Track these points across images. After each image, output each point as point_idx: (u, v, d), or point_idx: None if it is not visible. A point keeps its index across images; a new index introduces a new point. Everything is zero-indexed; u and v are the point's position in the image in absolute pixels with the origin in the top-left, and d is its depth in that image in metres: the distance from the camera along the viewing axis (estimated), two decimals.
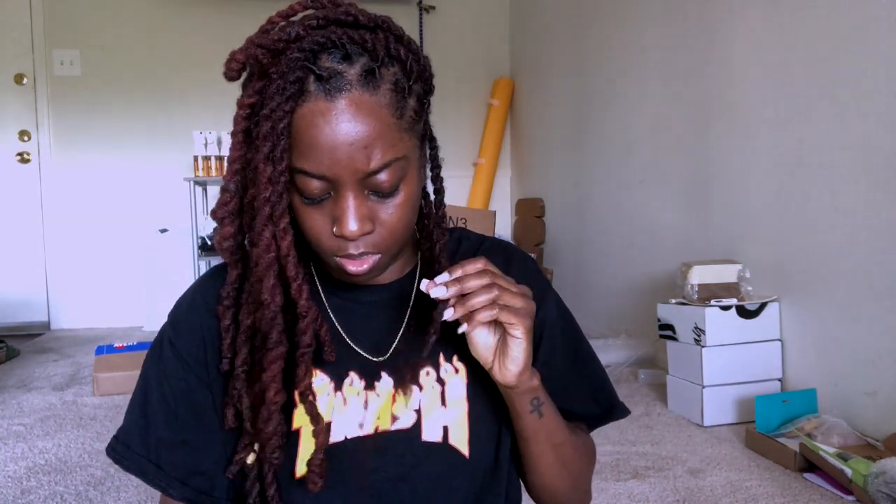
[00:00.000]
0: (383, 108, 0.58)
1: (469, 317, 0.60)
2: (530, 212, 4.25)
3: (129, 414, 0.71)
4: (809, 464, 1.72)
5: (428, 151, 0.69)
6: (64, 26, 4.00)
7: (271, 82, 0.57)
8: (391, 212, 0.62)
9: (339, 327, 0.71)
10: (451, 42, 4.55)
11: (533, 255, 4.02)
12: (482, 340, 0.64)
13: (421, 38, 4.47)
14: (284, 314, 0.62)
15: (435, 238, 0.72)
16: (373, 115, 0.57)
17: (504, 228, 4.54)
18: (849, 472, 1.57)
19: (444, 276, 0.61)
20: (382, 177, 0.59)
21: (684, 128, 2.68)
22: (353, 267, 0.63)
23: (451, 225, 0.94)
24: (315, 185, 0.59)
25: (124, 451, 0.70)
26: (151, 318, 3.89)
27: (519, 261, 0.78)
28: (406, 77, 0.60)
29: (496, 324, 0.63)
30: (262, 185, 0.58)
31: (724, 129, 2.44)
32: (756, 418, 1.93)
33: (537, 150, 4.27)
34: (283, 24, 0.60)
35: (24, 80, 3.98)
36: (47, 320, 4.08)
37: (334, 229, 0.61)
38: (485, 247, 0.79)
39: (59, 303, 4.09)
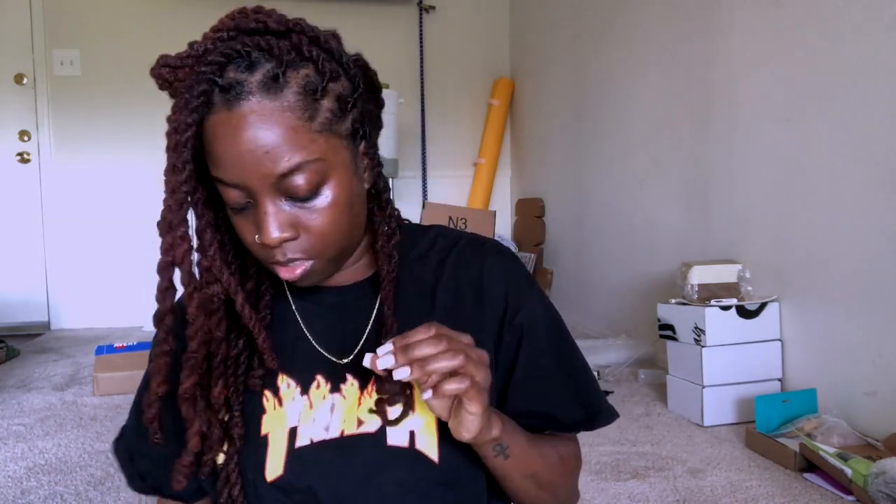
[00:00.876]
0: (286, 112, 0.58)
1: (436, 388, 0.57)
2: (530, 212, 4.24)
3: (130, 418, 0.76)
4: (809, 464, 1.72)
5: (366, 151, 0.67)
6: (64, 26, 4.00)
7: (180, 97, 0.58)
8: (315, 217, 0.62)
9: (305, 330, 0.71)
10: (451, 42, 4.55)
11: (533, 255, 4.03)
12: (437, 405, 0.61)
13: (421, 38, 4.47)
14: (227, 317, 0.65)
15: (380, 242, 0.70)
16: (274, 120, 0.58)
17: (504, 228, 4.54)
18: (849, 472, 1.57)
19: (387, 346, 0.57)
20: (297, 181, 0.59)
21: (684, 128, 2.68)
22: (284, 274, 0.63)
23: (451, 226, 0.94)
24: (233, 194, 0.61)
25: (118, 444, 0.76)
26: (151, 318, 3.89)
27: (495, 260, 0.74)
28: (319, 77, 0.60)
29: None
30: (167, 196, 0.60)
31: (724, 129, 2.44)
32: (756, 418, 1.93)
33: (537, 150, 4.27)
34: (193, 41, 0.61)
35: (24, 80, 3.98)
36: (47, 320, 4.08)
37: (256, 237, 0.62)
38: (461, 244, 0.75)
39: (59, 303, 4.09)
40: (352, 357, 0.70)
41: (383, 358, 0.56)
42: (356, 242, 0.69)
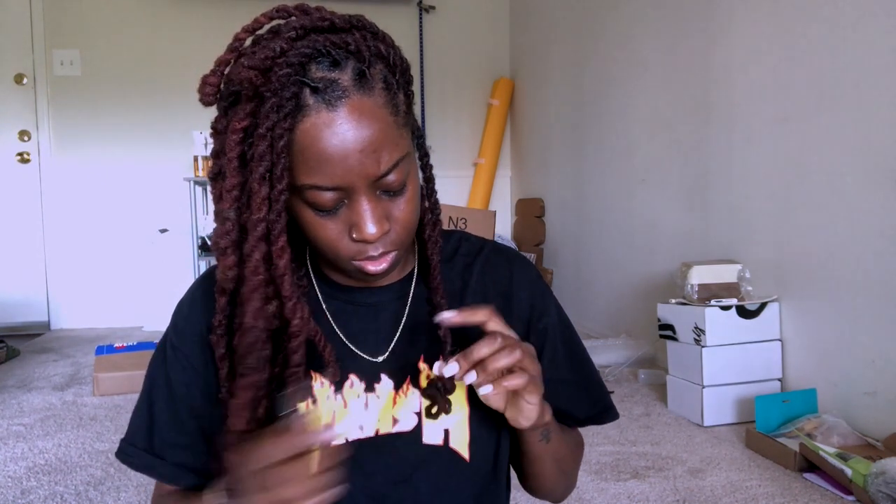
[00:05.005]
0: (381, 108, 0.57)
1: (496, 382, 0.59)
2: (530, 212, 4.24)
3: (135, 417, 0.73)
4: (809, 464, 1.72)
5: (419, 142, 0.69)
6: (64, 26, 4.00)
7: (264, 102, 0.55)
8: (402, 208, 0.62)
9: (337, 330, 0.71)
10: (451, 42, 4.55)
11: (533, 255, 4.04)
12: (495, 399, 0.63)
13: (421, 38, 4.47)
14: (275, 336, 0.61)
15: (427, 230, 0.71)
16: (374, 117, 0.57)
17: (504, 228, 4.54)
18: (849, 472, 1.57)
19: (454, 366, 0.60)
20: (392, 177, 0.59)
21: (684, 128, 2.68)
22: (373, 267, 0.63)
23: (452, 226, 0.94)
24: (328, 197, 0.59)
25: (130, 450, 0.71)
26: (151, 318, 3.89)
27: (521, 268, 0.77)
28: (392, 73, 0.60)
29: None
30: (256, 206, 0.57)
31: (723, 129, 2.44)
32: (756, 418, 1.93)
33: (537, 150, 4.27)
34: (265, 38, 0.59)
35: (24, 80, 3.98)
36: (47, 320, 4.08)
37: (353, 235, 0.60)
38: (486, 251, 0.77)
39: (59, 303, 4.09)
40: (386, 355, 0.70)
41: (449, 367, 0.59)
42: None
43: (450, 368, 0.59)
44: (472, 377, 0.59)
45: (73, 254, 4.07)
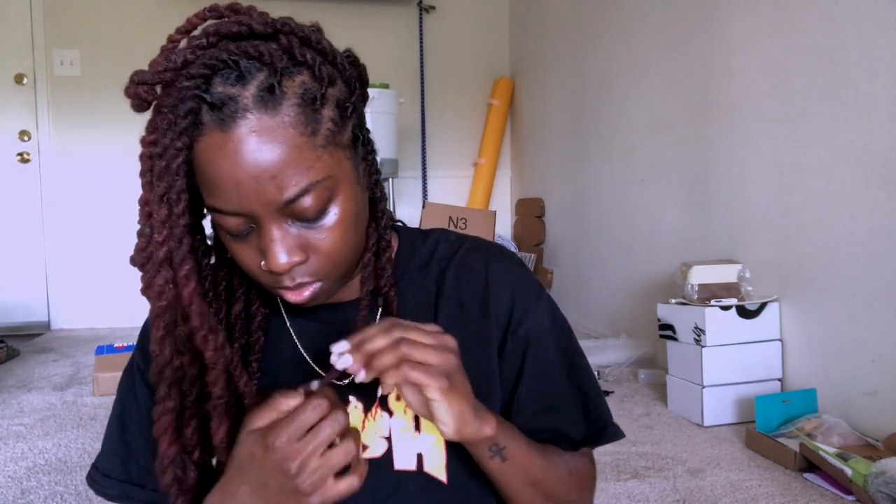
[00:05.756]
0: (288, 129, 0.52)
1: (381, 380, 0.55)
2: (530, 212, 4.24)
3: (106, 442, 0.70)
4: (809, 464, 1.72)
5: (365, 157, 0.62)
6: (64, 26, 4.00)
7: (163, 117, 0.51)
8: (324, 237, 0.57)
9: (301, 350, 0.68)
10: (451, 42, 4.55)
11: (533, 255, 4.03)
12: (412, 400, 0.57)
13: (421, 38, 4.47)
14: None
15: (367, 255, 0.65)
16: (276, 139, 0.51)
17: (504, 228, 4.54)
18: (849, 472, 1.57)
19: (342, 345, 0.55)
20: (304, 203, 0.54)
21: (684, 128, 2.68)
22: (292, 297, 0.59)
23: (452, 227, 0.92)
24: (232, 222, 0.55)
25: (105, 480, 0.68)
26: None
27: (500, 266, 0.70)
28: (317, 83, 0.54)
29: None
30: (157, 228, 0.52)
31: (724, 129, 2.44)
32: (756, 418, 1.93)
33: (537, 150, 4.27)
34: (168, 48, 0.55)
35: (24, 80, 3.98)
36: (47, 320, 4.08)
37: (262, 264, 0.56)
38: (462, 250, 0.71)
39: (59, 303, 4.09)
40: (352, 378, 0.68)
41: (342, 358, 0.54)
42: (360, 256, 0.65)
43: (343, 361, 0.54)
44: (361, 375, 0.54)
45: (73, 254, 4.07)
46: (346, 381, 0.57)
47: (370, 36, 4.34)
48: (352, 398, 0.65)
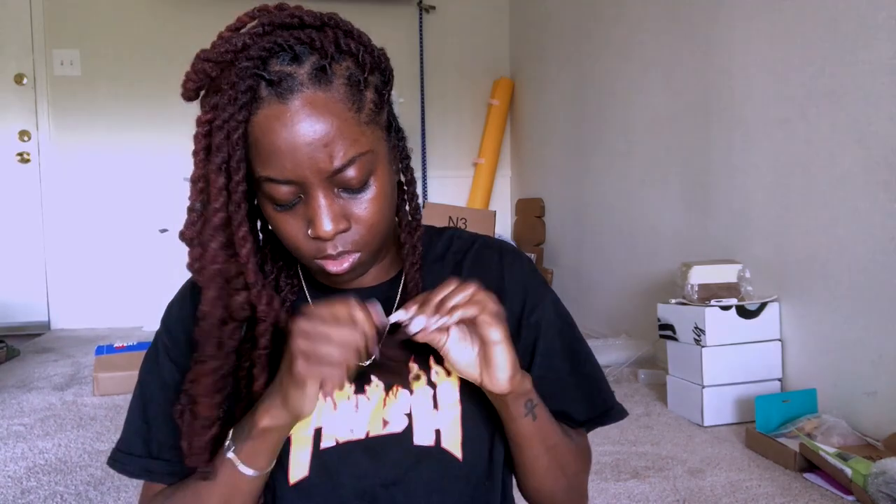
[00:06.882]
0: (338, 104, 0.58)
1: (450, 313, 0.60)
2: (530, 212, 4.25)
3: (129, 423, 0.72)
4: (809, 464, 1.72)
5: (396, 143, 0.68)
6: (64, 26, 4.00)
7: (223, 94, 0.56)
8: (365, 207, 0.62)
9: None
10: (451, 42, 4.55)
11: (533, 255, 4.03)
12: (463, 358, 0.63)
13: (421, 38, 4.47)
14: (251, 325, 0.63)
15: (406, 232, 0.70)
16: (329, 111, 0.57)
17: (504, 228, 4.54)
18: (849, 472, 1.57)
19: (402, 313, 0.61)
20: (350, 173, 0.59)
21: (684, 128, 2.68)
22: (333, 267, 0.63)
23: (452, 225, 0.93)
24: (283, 191, 0.59)
25: (126, 458, 0.70)
26: (151, 318, 3.89)
27: (512, 260, 0.76)
28: (360, 69, 0.60)
29: (472, 337, 0.63)
30: (214, 196, 0.57)
31: (724, 129, 2.44)
32: (756, 418, 1.93)
33: (537, 150, 4.27)
34: (229, 35, 0.59)
35: (24, 80, 3.98)
36: (47, 320, 4.08)
37: (309, 231, 0.61)
38: (477, 245, 0.76)
39: (59, 303, 4.09)
40: (374, 357, 0.70)
41: (415, 321, 0.60)
42: (391, 235, 0.70)
43: (417, 324, 0.60)
44: (419, 323, 0.60)
45: (73, 254, 4.07)
46: (368, 363, 0.61)
47: (370, 36, 4.34)
48: (373, 377, 0.69)
